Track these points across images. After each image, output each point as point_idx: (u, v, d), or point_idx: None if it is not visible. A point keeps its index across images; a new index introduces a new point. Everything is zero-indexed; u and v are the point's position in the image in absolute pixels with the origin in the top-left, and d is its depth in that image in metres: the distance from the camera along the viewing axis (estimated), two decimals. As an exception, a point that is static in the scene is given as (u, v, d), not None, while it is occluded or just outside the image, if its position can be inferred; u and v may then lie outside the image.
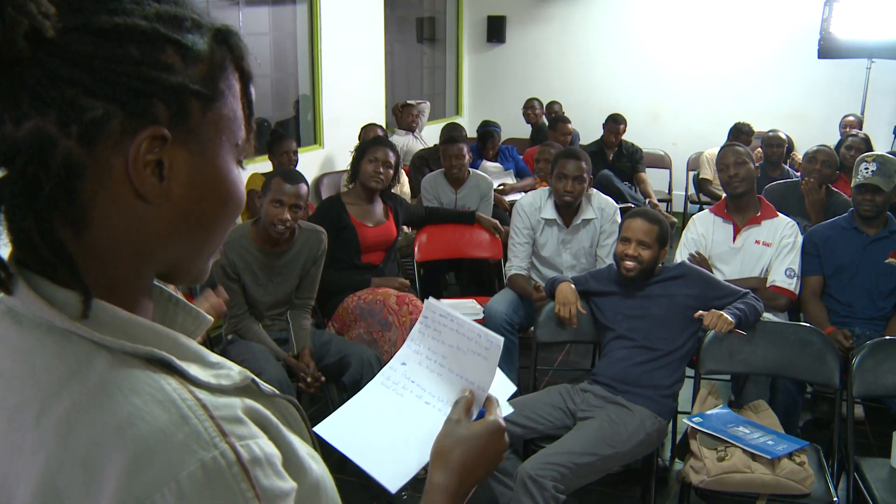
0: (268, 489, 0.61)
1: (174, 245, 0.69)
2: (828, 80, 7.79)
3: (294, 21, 6.23)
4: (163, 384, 0.61)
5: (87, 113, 0.59)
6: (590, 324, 3.24)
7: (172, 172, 0.65)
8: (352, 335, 3.54)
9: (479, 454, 0.99)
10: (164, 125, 0.63)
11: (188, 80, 0.64)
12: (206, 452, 0.58)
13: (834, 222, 3.70)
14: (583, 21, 8.79)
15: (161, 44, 0.62)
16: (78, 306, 0.62)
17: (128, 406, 0.59)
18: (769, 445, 2.61)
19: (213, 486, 0.58)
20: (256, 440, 0.62)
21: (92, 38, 0.59)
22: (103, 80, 0.59)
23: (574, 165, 3.79)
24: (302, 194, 3.21)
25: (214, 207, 0.70)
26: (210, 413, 0.60)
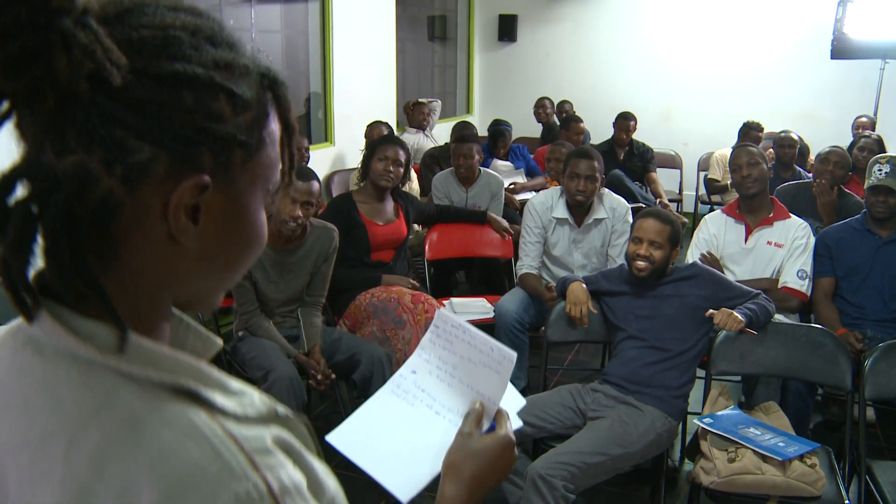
0: None
1: (197, 281, 0.70)
2: (841, 80, 7.75)
3: (306, 19, 6.24)
4: (193, 417, 0.61)
5: (134, 155, 0.59)
6: (600, 323, 3.23)
7: (207, 217, 0.65)
8: (364, 332, 3.54)
9: (490, 467, 1.01)
10: (207, 173, 0.63)
11: (236, 131, 0.64)
12: (239, 485, 0.59)
13: (846, 224, 3.68)
14: (594, 20, 8.78)
15: (215, 92, 0.62)
16: (106, 338, 0.62)
17: (160, 441, 0.59)
18: (780, 447, 2.60)
19: None
20: (285, 469, 0.63)
21: (150, 83, 0.59)
22: (155, 125, 0.60)
23: (586, 165, 3.79)
24: (313, 191, 3.21)
25: (239, 249, 0.71)
26: (240, 445, 0.61)
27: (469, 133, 5.31)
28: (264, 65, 0.69)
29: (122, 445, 0.59)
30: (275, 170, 0.71)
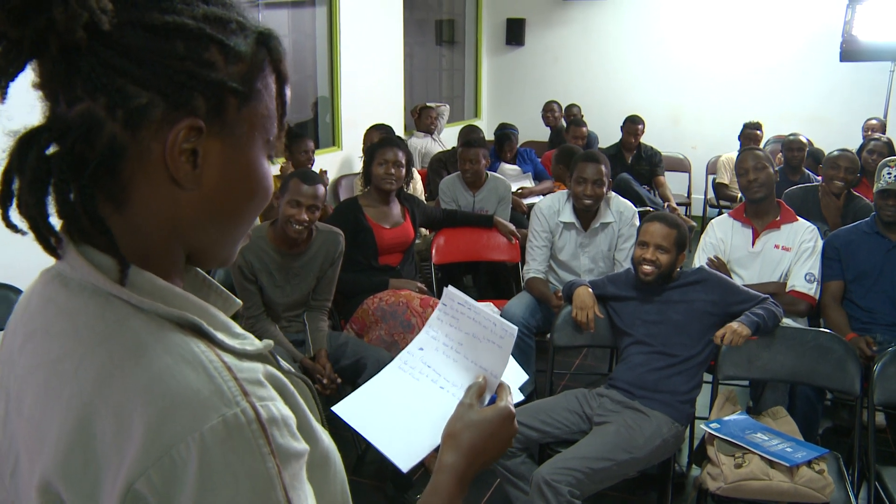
0: (282, 447, 0.66)
1: (204, 229, 0.75)
2: (850, 83, 7.71)
3: (313, 23, 6.25)
4: (192, 346, 0.67)
5: (133, 100, 0.65)
6: (607, 328, 3.22)
7: (206, 161, 0.71)
8: (371, 337, 3.53)
9: (489, 438, 1.01)
10: (201, 117, 0.69)
11: (227, 78, 0.70)
12: (229, 409, 0.64)
13: (855, 227, 3.66)
14: (602, 24, 8.77)
15: (206, 42, 0.68)
16: (114, 271, 0.69)
17: (160, 363, 0.65)
18: (788, 453, 2.58)
19: (233, 439, 0.63)
20: (275, 402, 0.68)
21: (143, 32, 0.65)
22: (150, 71, 0.66)
23: (594, 169, 3.78)
24: (319, 195, 3.22)
25: (242, 197, 0.76)
26: (234, 374, 0.66)
27: (475, 138, 5.30)
28: (262, 25, 0.76)
29: (123, 366, 0.65)
30: (272, 120, 0.77)
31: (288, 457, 0.67)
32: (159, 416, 0.62)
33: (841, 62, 6.92)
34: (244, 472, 0.64)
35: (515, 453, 2.83)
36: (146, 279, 0.70)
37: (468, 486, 1.01)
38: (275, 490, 0.65)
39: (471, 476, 1.01)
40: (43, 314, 0.72)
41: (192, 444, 0.62)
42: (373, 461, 3.44)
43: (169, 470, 0.62)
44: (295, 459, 0.68)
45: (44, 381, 0.69)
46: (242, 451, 0.64)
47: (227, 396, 0.64)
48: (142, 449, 0.62)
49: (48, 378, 0.68)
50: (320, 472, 0.78)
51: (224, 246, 0.79)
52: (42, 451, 0.67)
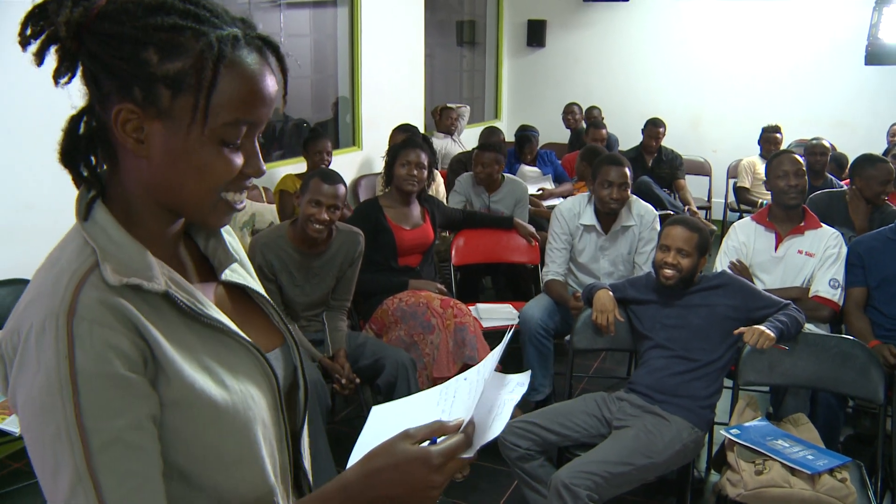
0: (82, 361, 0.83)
1: (165, 192, 0.94)
2: (875, 86, 7.63)
3: (335, 23, 6.26)
4: (73, 265, 0.89)
5: (101, 89, 0.89)
6: (627, 332, 3.20)
7: (149, 139, 0.90)
8: (391, 337, 3.53)
9: (399, 475, 0.93)
10: (137, 103, 0.88)
11: (160, 73, 0.87)
12: (50, 316, 0.84)
13: (879, 233, 3.61)
14: (624, 26, 8.73)
15: (144, 45, 0.87)
16: (81, 212, 0.93)
17: (53, 273, 0.89)
18: (809, 460, 2.55)
19: (42, 336, 0.84)
20: (99, 326, 0.84)
21: (104, 38, 0.87)
22: (109, 68, 0.87)
23: (618, 172, 3.76)
24: (340, 195, 3.22)
25: (186, 171, 0.92)
26: (77, 294, 0.85)
27: (493, 141, 5.28)
28: (234, 32, 0.90)
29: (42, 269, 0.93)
30: (216, 110, 0.89)
31: (88, 372, 0.82)
32: (26, 303, 0.88)
33: (866, 65, 6.86)
34: (43, 363, 0.83)
35: (534, 456, 2.82)
36: (101, 216, 0.92)
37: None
38: (62, 388, 0.82)
39: (361, 501, 0.94)
40: None
41: (25, 328, 0.85)
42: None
43: (14, 341, 0.86)
44: (99, 378, 0.83)
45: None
46: (46, 347, 0.83)
47: (55, 306, 0.84)
48: (11, 322, 0.88)
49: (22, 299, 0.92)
50: (186, 412, 0.90)
51: (186, 209, 0.96)
52: None
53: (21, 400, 0.85)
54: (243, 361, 0.99)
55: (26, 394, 0.84)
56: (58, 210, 3.64)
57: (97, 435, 0.83)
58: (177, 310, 0.93)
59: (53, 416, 0.82)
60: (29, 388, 0.84)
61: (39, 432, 0.84)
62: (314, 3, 6.25)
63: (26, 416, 0.85)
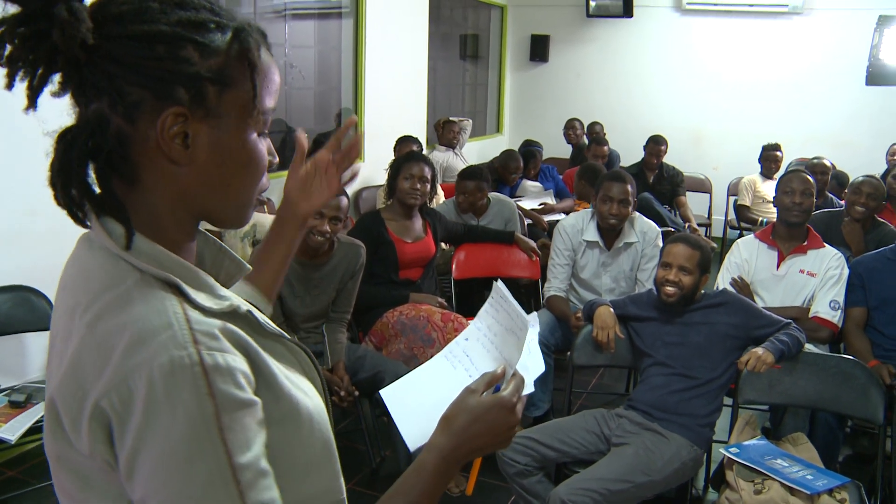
0: (223, 392, 0.78)
1: (206, 198, 0.89)
2: (876, 106, 7.67)
3: (339, 35, 6.29)
4: (166, 301, 0.82)
5: (127, 97, 0.80)
6: (627, 348, 3.20)
7: (195, 142, 0.85)
8: (390, 350, 3.53)
9: (482, 424, 1.03)
10: (184, 105, 0.82)
11: (204, 70, 0.83)
12: (178, 351, 0.77)
13: (879, 253, 3.62)
14: (627, 42, 8.77)
15: (182, 42, 0.82)
16: (121, 238, 0.84)
17: (136, 312, 0.80)
18: (808, 480, 2.55)
19: (176, 376, 0.76)
20: (224, 354, 0.80)
21: (129, 41, 0.80)
22: (137, 72, 0.80)
23: (620, 188, 3.77)
24: (342, 207, 3.22)
25: (234, 168, 0.89)
26: (191, 326, 0.80)
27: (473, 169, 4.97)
28: (243, 22, 0.88)
29: (112, 311, 0.80)
30: (252, 101, 0.88)
31: (227, 401, 0.78)
32: (125, 351, 0.77)
33: (867, 86, 6.89)
34: (182, 406, 0.76)
35: (532, 472, 2.81)
36: (147, 245, 0.85)
37: (455, 468, 1.03)
38: (208, 427, 0.76)
39: (458, 459, 1.02)
40: (70, 270, 0.89)
41: (144, 375, 0.76)
42: (387, 475, 3.43)
43: (125, 394, 0.76)
44: (237, 407, 0.79)
45: (65, 325, 0.84)
46: (183, 387, 0.76)
47: (179, 341, 0.78)
48: (110, 375, 0.77)
49: (66, 322, 0.84)
50: (290, 428, 0.89)
51: (228, 209, 0.92)
52: (53, 377, 0.83)
53: (156, 454, 0.76)
54: (304, 367, 0.98)
55: (163, 445, 0.75)
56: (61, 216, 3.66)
57: (246, 471, 0.79)
58: (250, 325, 0.90)
59: (204, 461, 0.76)
60: (166, 438, 0.75)
61: (186, 482, 0.76)
62: (319, 14, 6.28)
63: (167, 469, 0.76)
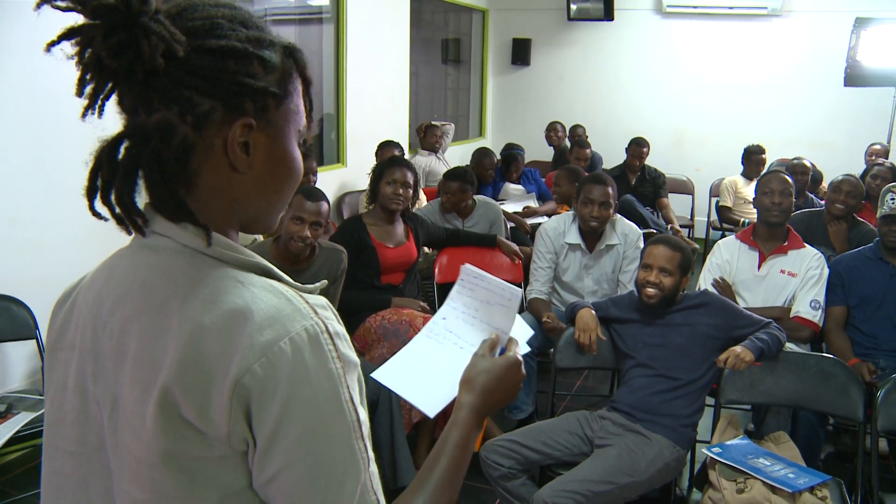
0: (345, 355, 0.87)
1: (254, 203, 0.95)
2: (854, 107, 7.74)
3: (320, 40, 6.28)
4: (271, 281, 0.89)
5: (198, 107, 0.85)
6: (609, 350, 3.21)
7: (255, 150, 0.91)
8: (373, 355, 3.52)
9: (500, 381, 1.17)
10: (251, 116, 0.89)
11: (268, 85, 0.90)
12: (307, 321, 0.85)
13: (859, 252, 3.65)
14: (608, 45, 8.81)
15: (250, 59, 0.88)
16: (201, 237, 0.88)
17: (248, 294, 0.85)
18: (790, 478, 2.56)
19: (313, 344, 0.84)
20: (336, 321, 0.89)
21: (204, 55, 0.85)
22: (210, 84, 0.85)
23: (600, 191, 3.78)
24: (323, 212, 3.22)
25: (283, 175, 0.96)
26: (305, 299, 0.88)
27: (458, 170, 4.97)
28: (286, 40, 0.95)
29: (221, 298, 0.84)
30: (301, 114, 0.97)
31: (348, 363, 0.87)
32: (255, 329, 0.82)
33: (845, 87, 6.94)
34: (322, 369, 0.83)
35: (516, 475, 2.81)
36: (222, 240, 0.90)
37: (481, 421, 1.15)
38: (341, 385, 0.85)
39: (485, 413, 1.14)
40: (134, 275, 0.91)
41: (286, 345, 0.82)
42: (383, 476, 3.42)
43: (267, 367, 0.81)
44: (352, 367, 0.88)
45: (150, 321, 0.86)
46: (319, 353, 0.84)
47: (304, 313, 0.85)
48: (245, 354, 0.81)
49: (155, 318, 0.86)
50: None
51: (270, 215, 0.99)
52: (159, 368, 0.83)
53: (304, 419, 0.82)
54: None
55: (310, 410, 0.82)
56: (42, 224, 3.65)
57: (365, 425, 0.88)
58: None
59: (343, 420, 0.85)
60: (312, 402, 0.82)
61: (329, 444, 0.83)
62: (300, 19, 6.27)
63: (314, 433, 0.82)
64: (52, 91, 3.39)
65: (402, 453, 3.17)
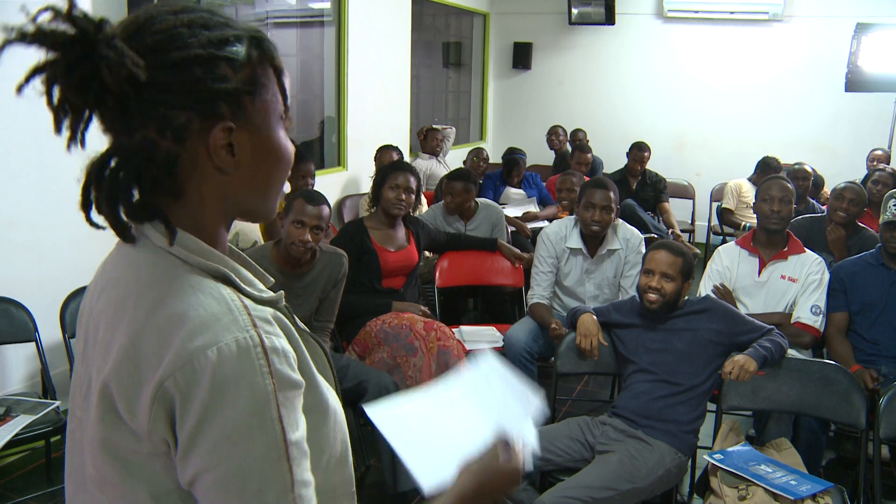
0: (280, 372, 0.85)
1: (246, 197, 0.97)
2: (855, 112, 7.74)
3: (321, 43, 6.28)
4: (220, 289, 0.89)
5: (175, 121, 0.86)
6: (611, 355, 3.20)
7: (240, 149, 0.92)
8: (374, 359, 3.51)
9: (496, 486, 1.16)
10: (229, 119, 0.89)
11: (239, 84, 0.90)
12: (241, 333, 0.84)
13: (861, 258, 3.64)
14: (609, 49, 8.81)
15: (216, 62, 0.88)
16: (165, 234, 0.89)
17: (194, 298, 0.86)
18: (792, 486, 2.55)
19: (241, 357, 0.83)
20: (278, 337, 0.88)
21: (169, 70, 0.85)
22: (181, 97, 0.86)
23: (602, 195, 3.77)
24: (324, 216, 3.21)
25: (273, 165, 0.97)
26: (248, 311, 0.87)
27: (462, 170, 5.00)
28: (252, 29, 0.95)
29: (167, 301, 0.86)
30: (278, 100, 0.97)
31: (283, 381, 0.85)
32: (188, 334, 0.83)
33: (846, 92, 6.94)
34: (246, 383, 0.82)
35: (516, 480, 2.80)
36: (193, 241, 0.92)
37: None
38: (269, 403, 0.83)
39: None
40: (116, 268, 0.95)
41: (211, 355, 0.82)
42: (372, 484, 3.41)
43: (190, 373, 0.81)
44: (290, 387, 0.86)
45: (112, 313, 0.90)
46: (247, 366, 0.83)
47: (241, 324, 0.85)
48: (173, 357, 0.82)
49: (115, 311, 0.90)
50: (318, 418, 0.96)
51: (266, 203, 1.00)
52: (106, 363, 0.87)
53: (219, 429, 0.82)
54: (324, 364, 1.05)
55: (227, 420, 0.82)
56: (41, 226, 3.64)
57: (294, 447, 0.86)
58: (287, 317, 0.98)
59: (263, 436, 0.83)
60: (231, 413, 0.82)
61: (244, 456, 0.82)
62: (301, 22, 6.27)
63: (228, 441, 0.82)
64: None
65: (402, 458, 3.16)
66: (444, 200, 4.82)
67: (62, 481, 1.06)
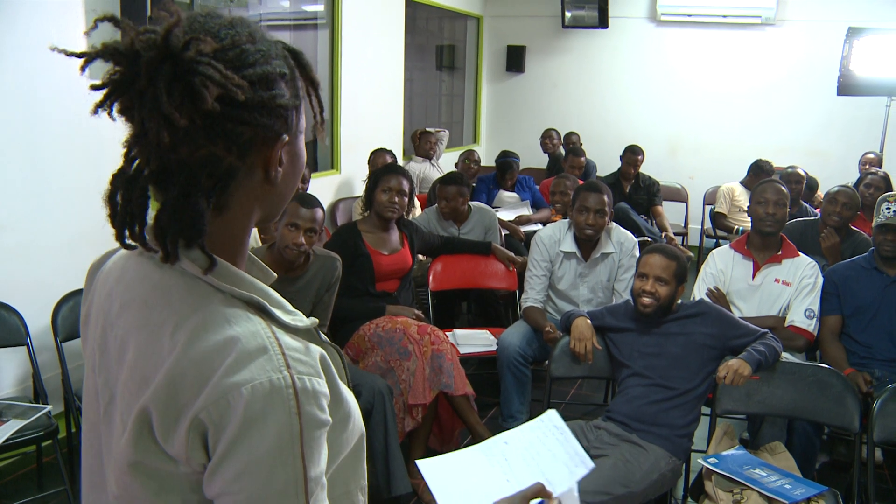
0: (308, 413, 0.86)
1: (273, 206, 0.99)
2: (847, 116, 7.77)
3: (315, 46, 6.27)
4: (255, 324, 0.89)
5: (241, 137, 0.88)
6: (605, 359, 3.20)
7: (286, 160, 0.96)
8: (367, 363, 3.50)
9: None
10: (285, 133, 0.93)
11: (292, 99, 0.93)
12: (275, 374, 0.85)
13: (854, 262, 3.65)
14: (602, 52, 8.82)
15: (274, 78, 0.90)
16: (203, 262, 0.90)
17: (231, 333, 0.87)
18: (786, 489, 2.55)
19: (272, 396, 0.84)
20: (311, 378, 0.88)
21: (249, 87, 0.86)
22: (252, 113, 0.87)
23: (596, 199, 3.77)
24: (317, 219, 3.20)
25: (297, 173, 1.01)
26: (283, 350, 0.88)
27: (455, 174, 5.03)
28: (283, 43, 0.97)
29: (205, 333, 0.87)
30: (310, 112, 1.01)
31: (310, 421, 0.87)
32: (226, 371, 0.84)
33: (838, 96, 6.96)
34: (274, 422, 0.84)
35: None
36: (225, 268, 0.92)
37: None
38: (293, 442, 0.85)
39: None
40: (140, 287, 0.94)
41: (245, 392, 0.83)
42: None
43: (224, 408, 0.84)
44: (317, 427, 0.88)
45: (146, 339, 0.90)
46: (277, 406, 0.84)
47: (275, 364, 0.86)
48: (210, 391, 0.84)
49: (150, 338, 0.90)
50: (341, 428, 0.98)
51: (281, 207, 1.02)
52: (146, 387, 0.88)
53: (244, 461, 0.84)
54: (340, 365, 1.05)
55: (252, 454, 0.84)
56: (33, 230, 3.62)
57: (313, 483, 0.88)
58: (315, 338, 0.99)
59: (283, 471, 0.85)
60: (256, 447, 0.84)
61: (264, 489, 0.85)
62: (295, 25, 6.26)
63: (250, 474, 0.85)
64: (44, 96, 3.38)
65: (396, 462, 3.16)
66: (439, 205, 4.81)
67: (53, 486, 1.07)
